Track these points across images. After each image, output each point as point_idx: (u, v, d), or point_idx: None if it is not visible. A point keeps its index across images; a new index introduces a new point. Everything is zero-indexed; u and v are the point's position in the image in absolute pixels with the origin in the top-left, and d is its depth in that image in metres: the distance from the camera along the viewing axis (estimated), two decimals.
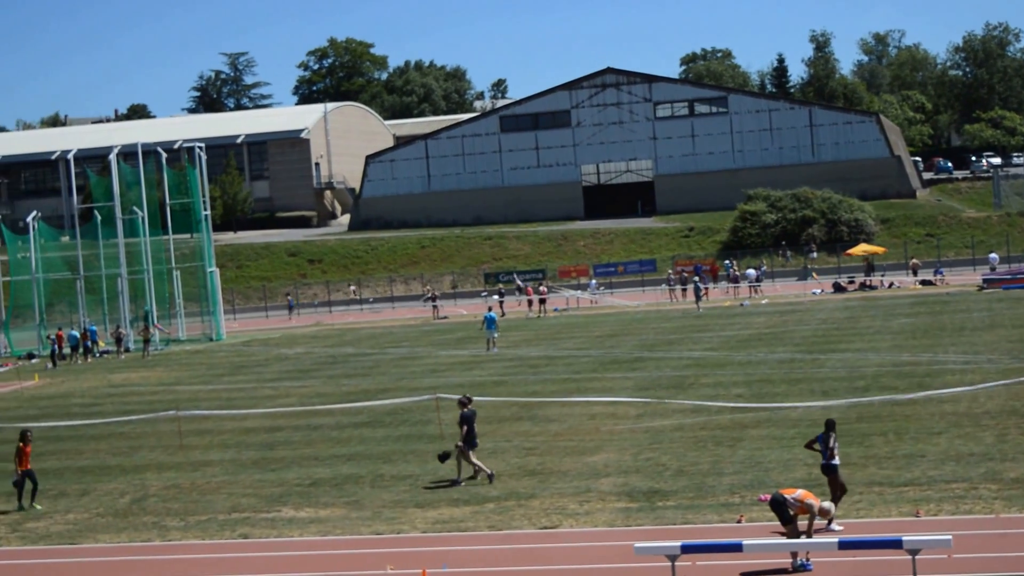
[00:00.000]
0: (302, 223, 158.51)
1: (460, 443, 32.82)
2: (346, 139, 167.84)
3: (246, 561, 26.16)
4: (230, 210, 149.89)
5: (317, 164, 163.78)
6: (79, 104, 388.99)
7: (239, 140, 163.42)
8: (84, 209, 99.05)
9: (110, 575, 25.43)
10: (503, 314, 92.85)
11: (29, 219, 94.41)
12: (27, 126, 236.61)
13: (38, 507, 32.85)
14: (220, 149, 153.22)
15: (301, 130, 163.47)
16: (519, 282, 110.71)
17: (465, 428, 32.70)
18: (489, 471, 32.62)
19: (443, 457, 33.22)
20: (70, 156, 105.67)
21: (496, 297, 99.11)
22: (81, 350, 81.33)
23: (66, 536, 29.76)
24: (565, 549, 25.52)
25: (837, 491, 26.43)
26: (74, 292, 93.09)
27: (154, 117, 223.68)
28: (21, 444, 33.08)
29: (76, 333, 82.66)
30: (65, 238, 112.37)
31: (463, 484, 32.34)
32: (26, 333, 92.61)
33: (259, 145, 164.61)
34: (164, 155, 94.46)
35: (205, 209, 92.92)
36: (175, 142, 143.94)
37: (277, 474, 35.58)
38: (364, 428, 42.84)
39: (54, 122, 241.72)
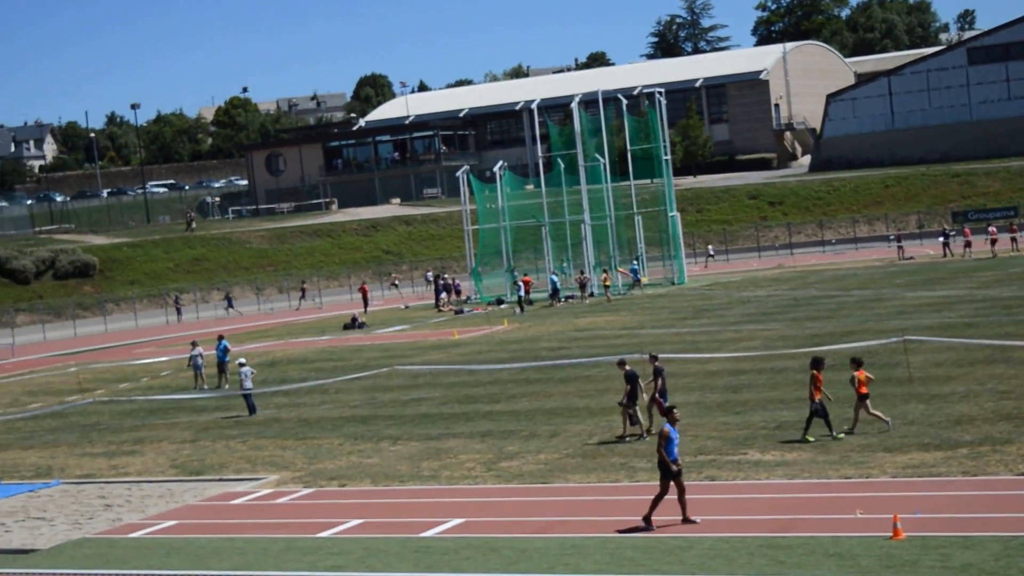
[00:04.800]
0: (762, 165, 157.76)
1: (623, 400, 34.04)
2: (806, 79, 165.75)
3: (713, 503, 26.12)
4: (690, 154, 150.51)
5: (776, 105, 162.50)
6: (541, 55, 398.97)
7: (698, 84, 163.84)
8: (547, 157, 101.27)
9: (579, 513, 25.81)
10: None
11: (496, 168, 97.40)
12: (493, 78, 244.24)
13: (840, 436, 31.58)
14: (679, 94, 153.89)
15: (760, 71, 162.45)
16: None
17: (629, 387, 33.90)
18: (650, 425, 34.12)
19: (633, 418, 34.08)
20: (533, 106, 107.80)
21: (941, 239, 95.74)
22: (548, 295, 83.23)
23: (538, 475, 30.45)
24: None
25: None
26: (539, 239, 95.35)
27: (613, 64, 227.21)
28: (815, 371, 31.83)
29: (555, 278, 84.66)
30: (530, 186, 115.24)
31: (647, 437, 33.44)
32: (494, 279, 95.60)
33: (718, 88, 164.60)
34: (624, 102, 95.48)
35: (666, 154, 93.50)
36: (634, 88, 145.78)
37: (742, 417, 35.47)
38: (829, 371, 42.00)
39: (517, 73, 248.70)
